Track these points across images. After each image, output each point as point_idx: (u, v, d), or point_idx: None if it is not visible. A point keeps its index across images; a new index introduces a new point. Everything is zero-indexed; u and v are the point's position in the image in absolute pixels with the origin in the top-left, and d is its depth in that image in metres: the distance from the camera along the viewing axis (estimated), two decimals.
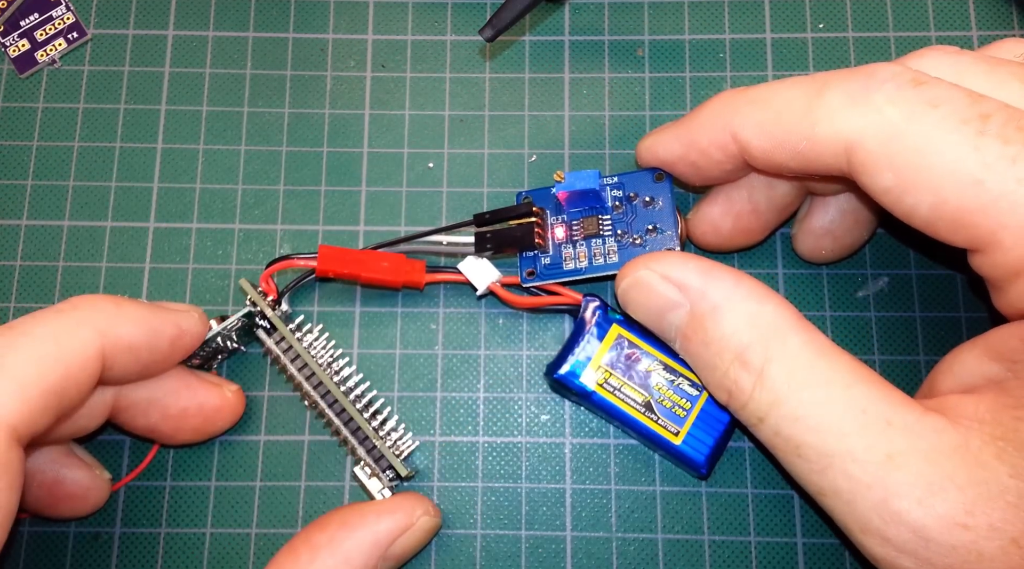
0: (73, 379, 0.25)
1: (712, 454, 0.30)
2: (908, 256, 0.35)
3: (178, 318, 0.29)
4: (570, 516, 0.33)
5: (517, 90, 0.37)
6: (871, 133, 0.24)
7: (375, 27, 0.38)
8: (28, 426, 0.24)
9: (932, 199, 0.23)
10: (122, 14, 0.39)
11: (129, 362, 0.27)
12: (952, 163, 0.23)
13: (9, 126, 0.37)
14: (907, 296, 0.34)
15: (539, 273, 0.32)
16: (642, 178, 0.32)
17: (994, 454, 0.22)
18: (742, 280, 0.26)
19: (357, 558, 0.28)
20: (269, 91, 0.38)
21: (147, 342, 0.27)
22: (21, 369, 0.24)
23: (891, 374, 0.33)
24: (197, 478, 0.33)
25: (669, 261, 0.28)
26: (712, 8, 0.38)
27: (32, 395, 0.24)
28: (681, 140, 0.29)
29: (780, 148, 0.26)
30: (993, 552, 0.21)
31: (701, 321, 0.26)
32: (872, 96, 0.24)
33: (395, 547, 0.29)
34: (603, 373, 0.31)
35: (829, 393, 0.24)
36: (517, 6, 0.32)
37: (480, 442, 0.33)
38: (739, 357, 0.25)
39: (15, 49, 0.38)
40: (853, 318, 0.34)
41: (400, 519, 0.29)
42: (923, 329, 0.34)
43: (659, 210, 0.31)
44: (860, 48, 0.37)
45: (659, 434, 0.30)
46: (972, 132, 0.23)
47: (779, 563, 0.32)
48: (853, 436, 0.23)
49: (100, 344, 0.26)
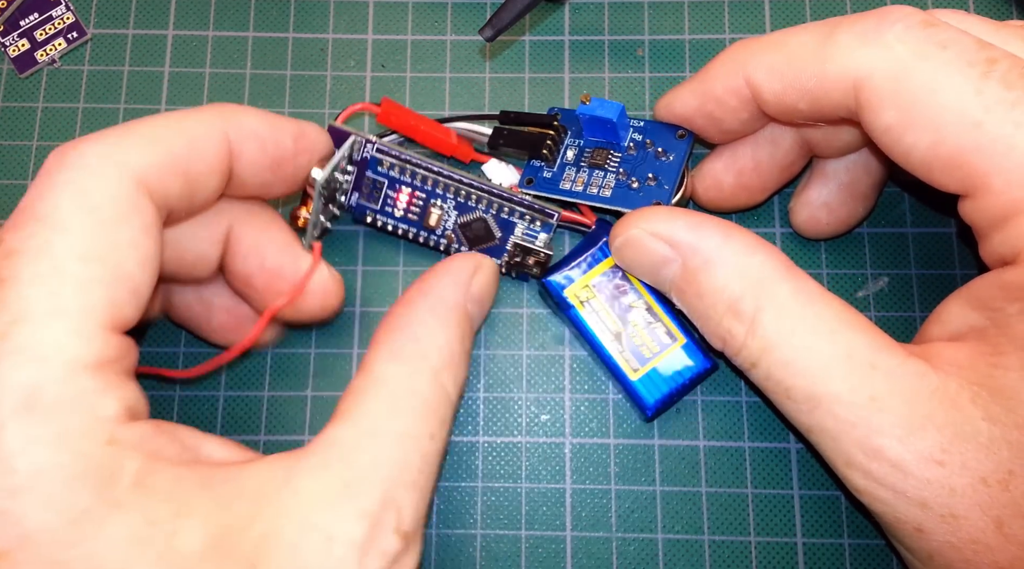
0: (199, 151, 0.25)
1: (662, 401, 0.31)
2: (908, 256, 0.35)
3: (299, 121, 0.29)
4: (570, 516, 0.33)
5: (517, 90, 0.37)
6: (879, 70, 0.24)
7: (375, 27, 0.38)
8: (159, 183, 0.24)
9: (931, 138, 0.24)
10: (122, 14, 0.39)
11: (256, 151, 0.27)
12: (954, 103, 0.23)
13: (9, 126, 0.37)
14: (907, 296, 0.34)
15: (537, 182, 0.33)
16: (666, 131, 0.32)
17: (969, 398, 0.23)
18: (731, 233, 0.27)
19: (449, 295, 0.29)
20: (269, 91, 0.38)
21: (271, 133, 0.28)
22: (148, 131, 0.24)
23: None
24: None
25: (658, 217, 0.28)
26: (712, 8, 0.38)
27: (160, 153, 0.24)
28: (696, 92, 0.30)
29: (791, 88, 0.27)
30: (963, 488, 0.23)
31: (694, 275, 0.27)
32: (883, 35, 0.25)
33: (474, 286, 0.30)
34: (588, 292, 0.31)
35: (816, 339, 0.25)
36: (517, 6, 0.32)
37: (480, 442, 0.33)
38: (731, 308, 0.26)
39: (15, 49, 0.38)
40: None
41: (467, 262, 0.30)
42: None
43: (668, 163, 0.32)
44: None
45: (618, 365, 0.31)
46: (977, 75, 0.23)
47: (779, 563, 0.32)
48: (838, 379, 0.24)
49: (224, 126, 0.26)
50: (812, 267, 0.35)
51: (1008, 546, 0.22)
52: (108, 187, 0.23)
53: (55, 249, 0.22)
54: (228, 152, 0.26)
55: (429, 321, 0.28)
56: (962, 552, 0.23)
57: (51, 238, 0.22)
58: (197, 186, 0.26)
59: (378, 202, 0.33)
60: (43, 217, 0.22)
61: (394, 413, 0.25)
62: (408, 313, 0.28)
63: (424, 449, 0.25)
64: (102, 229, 0.22)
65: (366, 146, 0.32)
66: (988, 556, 0.23)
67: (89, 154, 0.23)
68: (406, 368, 0.26)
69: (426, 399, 0.26)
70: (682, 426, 0.33)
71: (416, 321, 0.27)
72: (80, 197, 0.22)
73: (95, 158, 0.23)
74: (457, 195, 0.32)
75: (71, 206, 0.22)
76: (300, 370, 0.34)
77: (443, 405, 0.26)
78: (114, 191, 0.23)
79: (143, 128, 0.25)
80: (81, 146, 0.23)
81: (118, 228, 0.23)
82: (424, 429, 0.25)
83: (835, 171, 0.32)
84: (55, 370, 0.21)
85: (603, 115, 0.32)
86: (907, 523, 0.24)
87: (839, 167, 0.32)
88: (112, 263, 0.22)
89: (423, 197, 0.32)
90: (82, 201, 0.22)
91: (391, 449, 0.24)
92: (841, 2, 0.38)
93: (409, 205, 0.33)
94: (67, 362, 0.21)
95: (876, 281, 0.34)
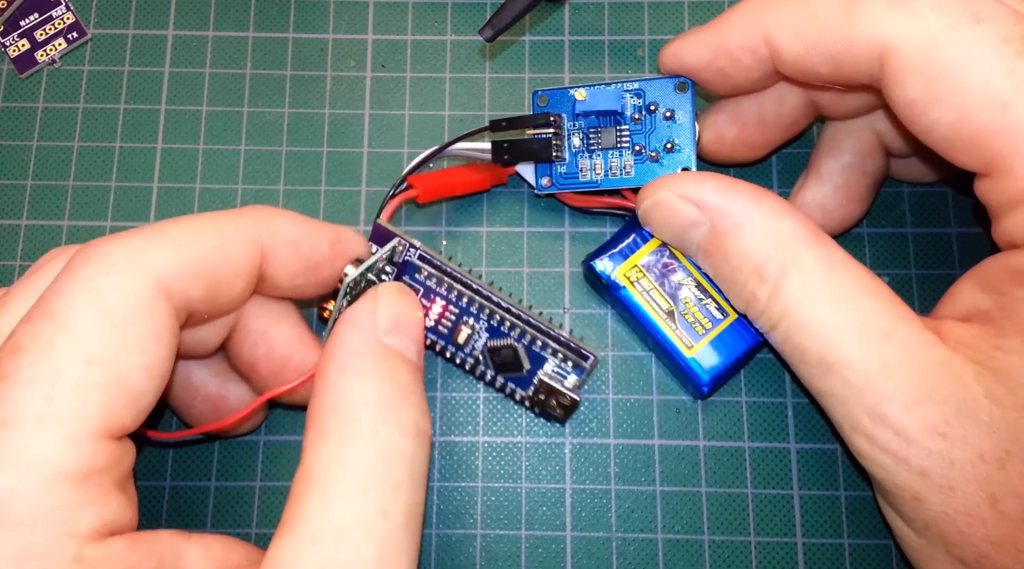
0: (228, 256, 0.25)
1: (719, 376, 0.31)
2: (908, 256, 0.35)
3: (336, 227, 0.29)
4: (570, 516, 0.33)
5: (517, 90, 0.37)
6: (910, 39, 0.23)
7: (375, 27, 0.38)
8: (180, 286, 0.23)
9: (955, 115, 0.23)
10: (122, 14, 0.39)
11: (290, 256, 0.27)
12: (984, 81, 0.23)
13: (9, 126, 0.37)
14: (907, 296, 0.34)
15: (555, 182, 0.33)
16: (663, 87, 0.31)
17: (973, 375, 0.23)
18: (761, 197, 0.27)
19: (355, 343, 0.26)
20: (269, 91, 0.38)
21: (307, 239, 0.27)
22: (177, 233, 0.24)
23: None
24: (197, 478, 0.33)
25: (688, 181, 0.28)
26: (712, 8, 0.38)
27: (184, 257, 0.24)
28: (709, 45, 0.29)
29: (814, 51, 0.26)
30: (962, 462, 0.23)
31: (721, 238, 0.27)
32: (915, 2, 0.24)
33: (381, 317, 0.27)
34: (637, 272, 0.31)
35: (835, 305, 0.25)
36: (517, 6, 0.32)
37: (480, 442, 0.33)
38: (756, 271, 0.27)
39: (15, 49, 0.38)
40: None
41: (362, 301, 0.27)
42: None
43: (679, 124, 0.31)
44: None
45: (673, 343, 0.31)
46: (1011, 53, 0.23)
47: (779, 563, 0.32)
48: (852, 345, 0.24)
49: (258, 231, 0.26)
50: None
51: (1001, 522, 0.23)
52: (124, 288, 0.22)
53: (57, 350, 0.21)
54: (259, 257, 0.26)
55: (344, 381, 0.25)
56: (956, 524, 0.23)
57: (55, 338, 0.21)
58: (222, 289, 0.25)
59: None
60: (53, 315, 0.22)
61: (330, 505, 0.22)
62: (322, 384, 0.25)
63: (377, 533, 0.22)
64: (111, 332, 0.22)
65: (408, 250, 0.31)
66: (982, 529, 0.23)
67: (114, 253, 0.23)
68: (333, 445, 0.23)
69: (366, 471, 0.23)
70: (682, 426, 0.33)
71: (331, 387, 0.25)
72: (94, 297, 0.22)
73: (118, 257, 0.23)
74: (491, 318, 0.30)
75: (83, 306, 0.22)
76: (292, 458, 0.34)
77: (392, 465, 0.23)
78: (129, 293, 0.22)
79: (174, 230, 0.24)
80: (109, 244, 0.23)
81: (128, 332, 0.22)
82: (371, 508, 0.22)
83: (831, 173, 0.32)
84: (34, 480, 0.20)
85: (608, 107, 0.31)
86: (906, 491, 0.24)
87: (835, 169, 0.32)
88: (115, 368, 0.21)
89: (456, 313, 0.31)
90: (95, 301, 0.22)
91: (336, 551, 0.22)
92: None
93: (441, 318, 0.31)
94: (49, 472, 0.20)
95: None
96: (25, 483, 0.20)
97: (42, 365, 0.21)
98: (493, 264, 0.35)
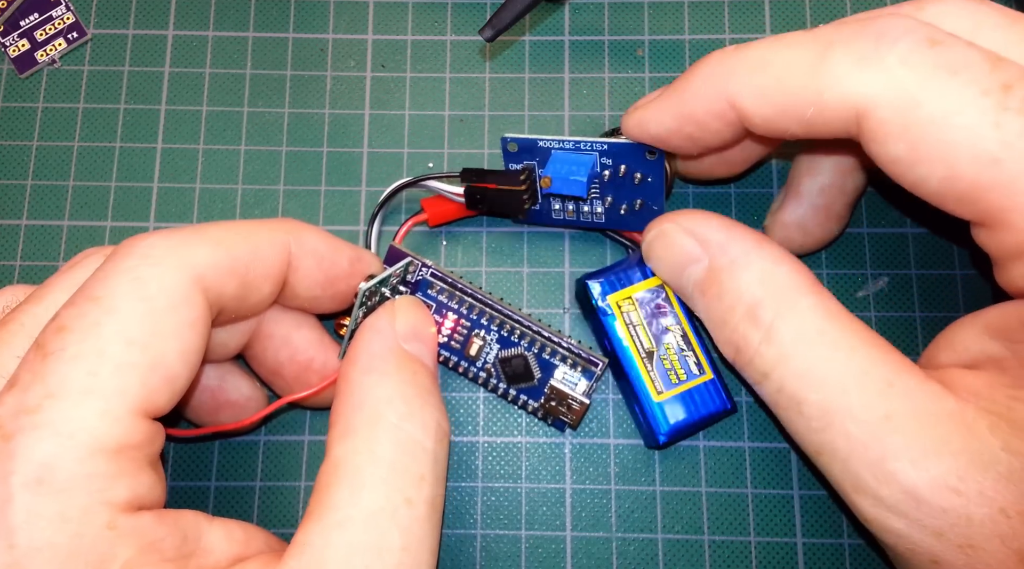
0: (260, 258, 0.26)
1: (678, 430, 0.31)
2: (908, 256, 0.35)
3: (357, 248, 0.30)
4: (570, 516, 0.33)
5: (517, 90, 0.37)
6: (884, 99, 0.22)
7: (375, 27, 0.38)
8: (215, 281, 0.25)
9: (944, 173, 0.22)
10: (122, 14, 0.39)
11: (313, 267, 0.28)
12: (970, 139, 0.22)
13: (9, 126, 0.37)
14: (907, 296, 0.34)
15: (529, 216, 0.34)
16: (634, 153, 0.30)
17: (988, 427, 0.22)
18: (763, 241, 0.27)
19: (376, 347, 0.28)
20: (269, 91, 0.38)
21: (329, 253, 0.29)
22: (215, 233, 0.26)
23: None
24: (197, 478, 0.33)
25: (694, 217, 0.29)
26: (712, 8, 0.38)
27: (221, 254, 0.25)
28: (673, 113, 0.27)
29: (784, 115, 0.25)
30: (982, 518, 0.21)
31: (717, 274, 0.27)
32: (884, 57, 0.22)
33: (399, 325, 0.28)
34: (629, 304, 0.31)
35: (834, 353, 0.24)
36: (517, 6, 0.32)
37: (480, 442, 0.33)
38: (750, 312, 0.26)
39: (15, 49, 0.38)
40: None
41: (379, 312, 0.29)
42: (923, 329, 0.34)
43: (649, 185, 0.31)
44: None
45: (644, 384, 0.31)
46: (993, 106, 0.21)
47: (779, 563, 0.32)
48: (854, 395, 0.23)
49: (287, 240, 0.27)
50: (812, 267, 0.35)
51: None
52: (165, 279, 0.24)
53: (102, 330, 0.22)
54: (287, 264, 0.27)
55: (369, 381, 0.26)
56: None
57: (100, 319, 0.22)
58: (252, 290, 0.26)
59: None
60: (98, 299, 0.23)
61: (357, 493, 0.24)
62: (347, 386, 0.27)
63: (402, 520, 0.23)
64: (151, 317, 0.23)
65: (421, 269, 0.32)
66: None
67: (157, 246, 0.24)
68: (360, 439, 0.25)
69: (391, 463, 0.24)
70: None
71: (356, 388, 0.26)
72: (137, 284, 0.23)
73: (160, 250, 0.24)
74: (501, 328, 0.32)
75: (127, 291, 0.23)
76: (293, 457, 0.33)
77: (416, 458, 0.25)
78: (170, 283, 0.24)
79: (212, 230, 0.26)
80: (151, 238, 0.24)
81: (167, 318, 0.23)
82: (396, 497, 0.24)
83: (809, 193, 0.32)
84: (75, 449, 0.21)
85: (572, 193, 0.31)
86: (922, 554, 0.22)
87: (813, 189, 0.31)
88: (154, 350, 0.23)
89: (468, 326, 0.32)
90: (138, 288, 0.23)
91: (363, 534, 0.23)
92: (841, 2, 0.38)
93: (453, 332, 0.32)
94: (89, 442, 0.21)
95: (876, 281, 0.34)
96: (67, 451, 0.21)
97: (88, 343, 0.22)
98: (493, 264, 0.35)
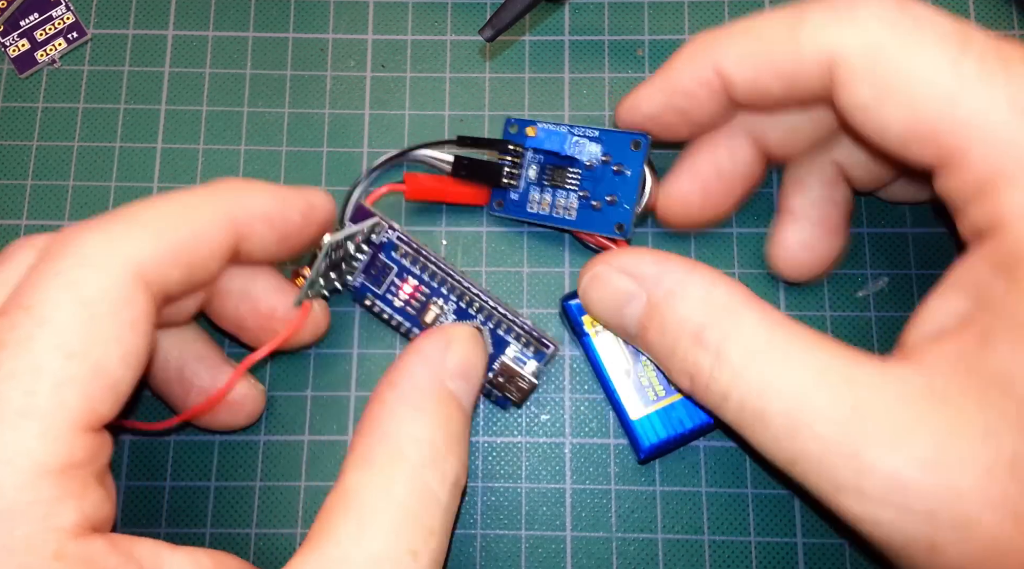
0: (203, 241, 0.25)
1: (658, 446, 0.31)
2: (908, 256, 0.35)
3: (306, 193, 0.29)
4: (570, 516, 0.33)
5: (517, 90, 0.37)
6: (855, 46, 0.24)
7: (375, 27, 0.38)
8: (157, 274, 0.23)
9: (906, 113, 0.24)
10: (122, 14, 0.39)
11: (264, 231, 0.27)
12: (931, 78, 0.23)
13: (9, 126, 0.37)
14: (907, 296, 0.34)
15: (506, 205, 0.34)
16: (621, 141, 0.32)
17: (959, 391, 0.22)
18: (695, 267, 0.27)
19: (421, 379, 0.27)
20: (269, 91, 0.38)
21: (279, 212, 0.28)
22: (152, 219, 0.24)
23: None
24: (197, 478, 0.33)
25: (624, 255, 0.29)
26: (712, 8, 0.38)
27: (162, 244, 0.24)
28: (663, 88, 0.30)
29: (764, 72, 0.27)
30: (969, 486, 0.21)
31: (657, 307, 0.27)
32: (856, 12, 0.25)
33: (450, 360, 0.27)
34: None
35: (787, 360, 0.24)
36: (517, 6, 0.32)
37: (480, 442, 0.33)
38: (695, 338, 0.26)
39: (15, 49, 0.38)
40: (853, 318, 0.34)
41: (436, 337, 0.28)
42: None
43: (626, 179, 0.32)
44: None
45: (621, 402, 0.31)
46: (953, 51, 0.23)
47: (779, 563, 0.32)
48: (816, 395, 0.23)
49: (230, 211, 0.26)
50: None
51: None
52: (102, 280, 0.22)
53: (36, 344, 0.21)
54: (234, 237, 0.26)
55: (402, 413, 0.25)
56: (983, 564, 0.21)
57: (33, 332, 0.21)
58: (198, 270, 0.25)
59: (381, 287, 0.33)
60: (29, 307, 0.21)
61: (364, 533, 0.23)
62: (379, 410, 0.26)
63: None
64: (89, 324, 0.21)
65: (388, 231, 0.32)
66: (1016, 557, 0.20)
67: (89, 244, 0.23)
68: (378, 474, 0.24)
69: (405, 508, 0.23)
70: None
71: (387, 416, 0.25)
72: (72, 289, 0.22)
73: (94, 249, 0.22)
74: (460, 300, 0.32)
75: (61, 298, 0.21)
76: (293, 457, 0.34)
77: (429, 510, 0.24)
78: (108, 284, 0.22)
79: (146, 216, 0.24)
80: (83, 235, 0.23)
81: (106, 323, 0.22)
82: (402, 546, 0.23)
83: (804, 209, 0.32)
84: (14, 475, 0.20)
85: (551, 148, 0.33)
86: (918, 541, 0.21)
87: (807, 205, 0.32)
88: (93, 359, 0.21)
89: (427, 292, 0.32)
90: (73, 293, 0.22)
91: None
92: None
93: (411, 298, 0.32)
94: (29, 467, 0.20)
95: (876, 281, 0.34)
96: (6, 478, 0.20)
97: (23, 359, 0.21)
98: (493, 264, 0.35)
